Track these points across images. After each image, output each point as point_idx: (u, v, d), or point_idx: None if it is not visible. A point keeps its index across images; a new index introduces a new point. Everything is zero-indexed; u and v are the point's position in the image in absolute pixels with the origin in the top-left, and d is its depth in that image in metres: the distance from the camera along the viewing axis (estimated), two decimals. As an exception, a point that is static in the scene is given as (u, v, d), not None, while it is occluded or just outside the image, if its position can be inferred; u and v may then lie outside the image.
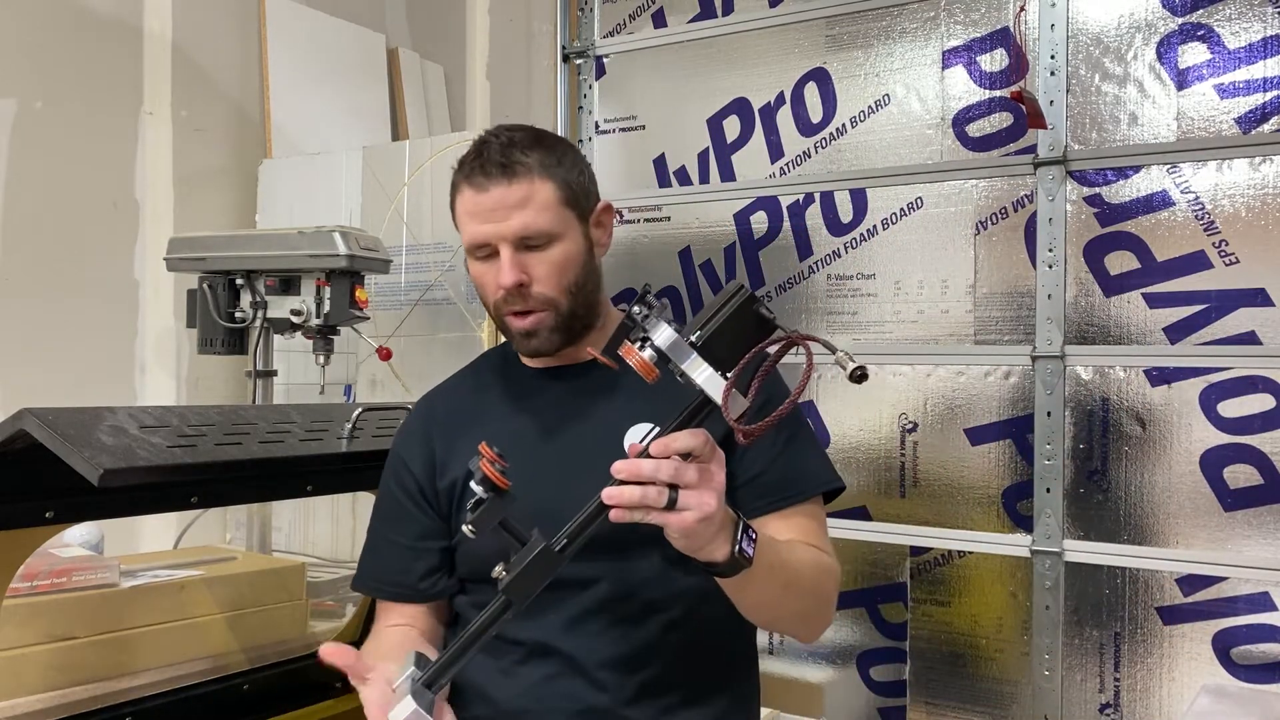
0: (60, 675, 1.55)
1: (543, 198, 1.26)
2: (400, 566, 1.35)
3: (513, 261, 1.26)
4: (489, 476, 1.03)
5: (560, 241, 1.28)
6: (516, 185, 1.25)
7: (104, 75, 2.76)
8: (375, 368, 2.71)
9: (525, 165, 1.26)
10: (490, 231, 1.26)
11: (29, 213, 2.59)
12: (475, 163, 1.27)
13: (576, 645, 1.24)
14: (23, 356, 2.53)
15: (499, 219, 1.25)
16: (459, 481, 1.33)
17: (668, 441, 1.01)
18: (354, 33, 3.43)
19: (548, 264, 1.27)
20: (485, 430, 1.34)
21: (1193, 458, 2.03)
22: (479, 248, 1.28)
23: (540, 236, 1.27)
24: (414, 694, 1.06)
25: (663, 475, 0.99)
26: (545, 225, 1.26)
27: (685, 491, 1.00)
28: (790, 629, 1.40)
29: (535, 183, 1.26)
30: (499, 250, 1.26)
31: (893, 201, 2.36)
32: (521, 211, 1.25)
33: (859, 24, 2.41)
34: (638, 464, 1.00)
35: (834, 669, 2.40)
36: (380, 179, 2.78)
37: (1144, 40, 2.10)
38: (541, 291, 1.27)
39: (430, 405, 1.44)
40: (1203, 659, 2.01)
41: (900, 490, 2.32)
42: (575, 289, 1.30)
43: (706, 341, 1.02)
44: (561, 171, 1.29)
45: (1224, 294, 2.01)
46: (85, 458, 1.15)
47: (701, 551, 1.05)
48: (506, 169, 1.25)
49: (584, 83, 2.80)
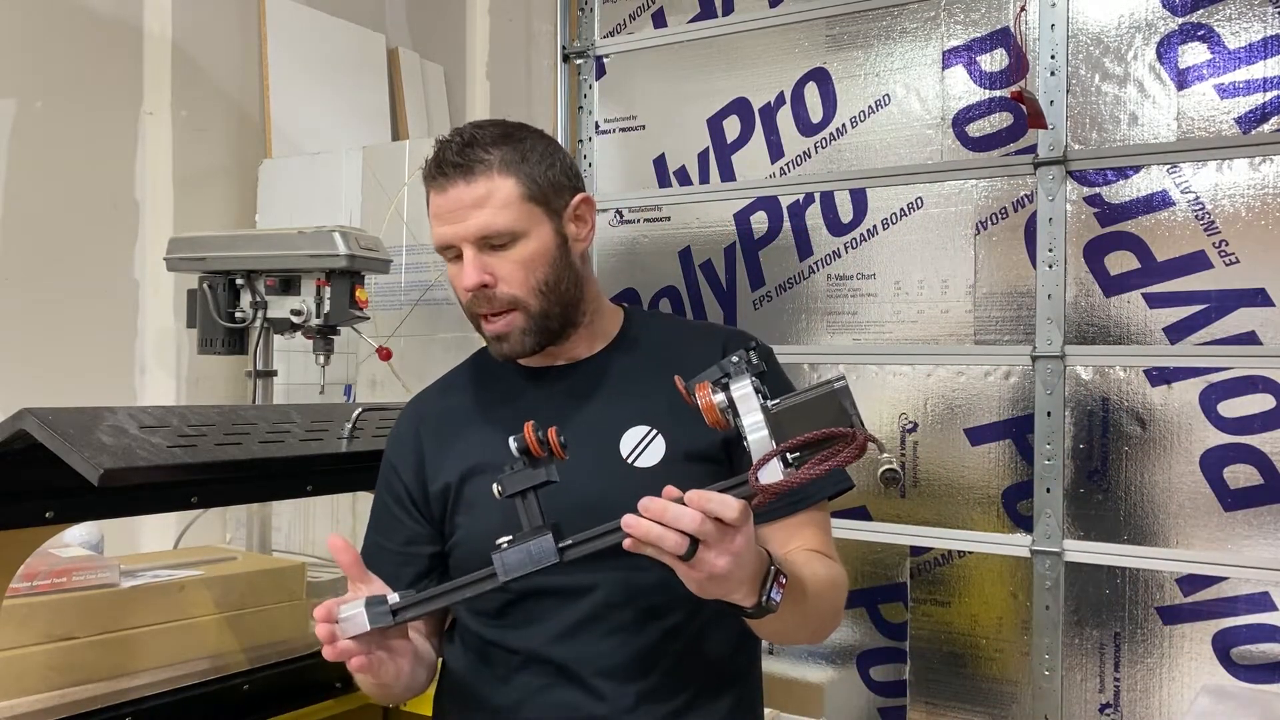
0: (60, 675, 1.55)
1: (503, 195, 1.23)
2: (389, 572, 1.33)
3: (475, 262, 1.23)
4: (527, 441, 1.06)
5: (525, 239, 1.25)
6: (474, 184, 1.23)
7: (104, 75, 2.76)
8: (375, 368, 2.71)
9: (484, 163, 1.23)
10: (451, 233, 1.24)
11: (29, 213, 2.59)
12: (434, 162, 1.25)
13: (575, 653, 1.23)
14: (23, 356, 2.53)
15: (458, 219, 1.23)
16: (452, 485, 1.31)
17: (706, 499, 0.98)
18: (354, 33, 3.43)
19: (512, 263, 1.24)
20: (477, 431, 1.33)
21: (1193, 458, 2.03)
22: (445, 249, 1.26)
23: (502, 235, 1.23)
24: (368, 604, 1.08)
25: (684, 524, 0.97)
26: (505, 224, 1.23)
27: (704, 548, 0.98)
28: (798, 642, 1.39)
29: (494, 180, 1.23)
30: (462, 251, 1.24)
31: (893, 201, 2.36)
32: (479, 211, 1.22)
33: (859, 24, 2.41)
34: (665, 507, 0.98)
35: (834, 669, 2.40)
36: (380, 179, 2.78)
37: (1144, 40, 2.10)
38: (507, 291, 1.25)
39: (419, 408, 1.42)
40: (1203, 659, 2.01)
41: (900, 490, 2.32)
42: (546, 288, 1.26)
43: (780, 415, 1.01)
44: (525, 167, 1.25)
45: (1224, 294, 2.01)
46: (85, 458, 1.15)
47: (727, 596, 1.04)
48: (462, 167, 1.23)
49: (584, 83, 2.80)
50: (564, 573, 1.09)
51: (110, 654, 1.63)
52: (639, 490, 1.02)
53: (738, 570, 1.01)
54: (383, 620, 1.08)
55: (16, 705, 1.49)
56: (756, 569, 1.04)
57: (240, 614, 1.82)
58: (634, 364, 1.34)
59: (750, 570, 1.03)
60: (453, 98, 3.75)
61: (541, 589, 1.23)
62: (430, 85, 3.69)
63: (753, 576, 1.04)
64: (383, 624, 1.08)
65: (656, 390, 1.27)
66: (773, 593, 1.05)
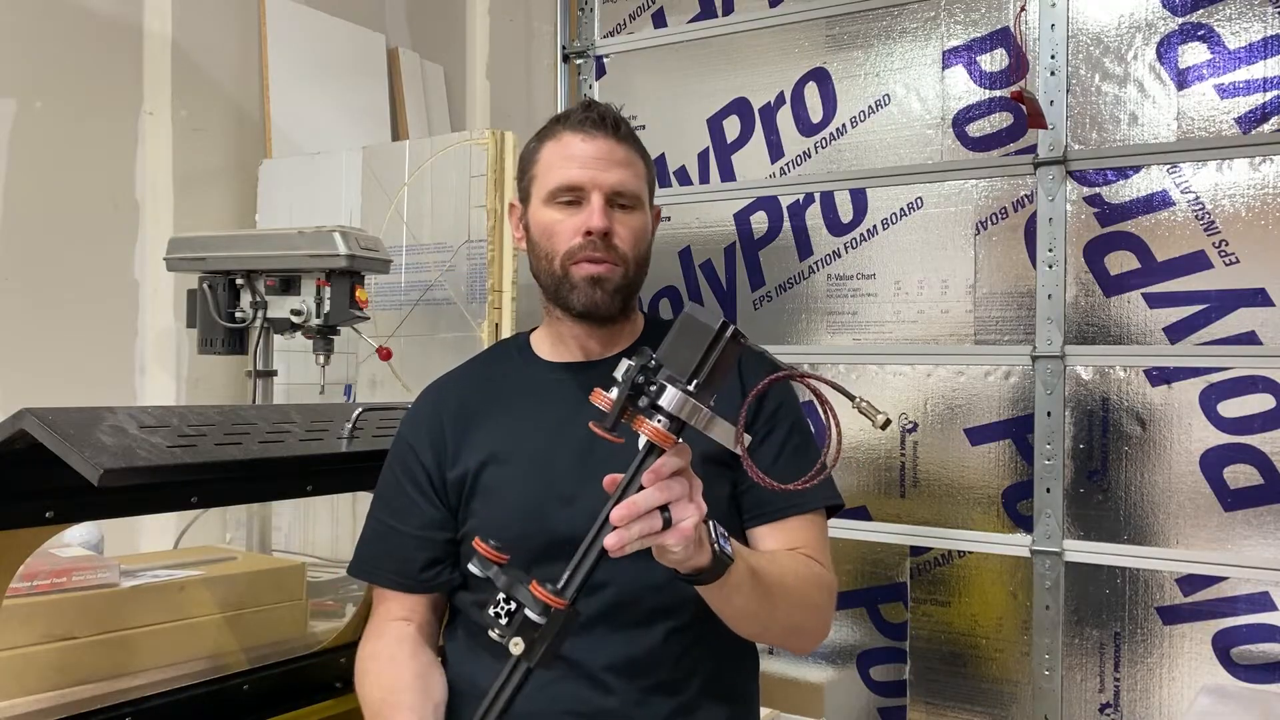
0: (60, 675, 1.55)
1: (639, 167, 1.34)
2: (402, 555, 1.34)
3: (604, 209, 1.29)
4: (544, 602, 1.00)
5: (641, 211, 1.34)
6: (623, 146, 1.32)
7: (104, 75, 2.76)
8: (375, 368, 2.71)
9: (631, 135, 1.34)
10: (587, 178, 1.29)
11: (29, 213, 2.59)
12: (586, 114, 1.32)
13: (584, 649, 1.24)
14: (23, 356, 2.53)
15: (600, 168, 1.29)
16: (470, 472, 1.32)
17: (659, 469, 1.00)
18: (354, 33, 3.43)
19: (629, 226, 1.32)
20: (497, 419, 1.34)
21: (1193, 458, 2.03)
22: (566, 190, 1.30)
23: (631, 199, 1.32)
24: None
25: (656, 501, 0.99)
26: (636, 189, 1.32)
27: (676, 505, 1.00)
28: (780, 640, 1.40)
29: (635, 152, 1.34)
30: (589, 197, 1.29)
31: (893, 201, 2.36)
32: (623, 169, 1.31)
33: (859, 24, 2.41)
34: (633, 503, 0.99)
35: (834, 669, 2.40)
36: (380, 179, 2.78)
37: (1144, 40, 2.10)
38: (621, 246, 1.31)
39: (441, 394, 1.42)
40: (1203, 659, 2.01)
41: (900, 490, 2.32)
42: (641, 260, 1.35)
43: (702, 385, 1.01)
44: (648, 159, 1.37)
45: (1224, 294, 2.01)
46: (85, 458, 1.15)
47: (689, 561, 1.05)
48: (618, 128, 1.32)
49: (584, 83, 2.80)
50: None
51: (110, 654, 1.63)
52: None
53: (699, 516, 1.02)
54: None
55: (16, 705, 1.49)
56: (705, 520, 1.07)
57: (240, 614, 1.82)
58: None
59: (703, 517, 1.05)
60: (453, 98, 3.75)
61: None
62: (430, 85, 3.69)
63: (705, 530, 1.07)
64: None
65: None
66: (720, 543, 1.08)
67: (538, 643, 1.00)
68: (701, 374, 1.01)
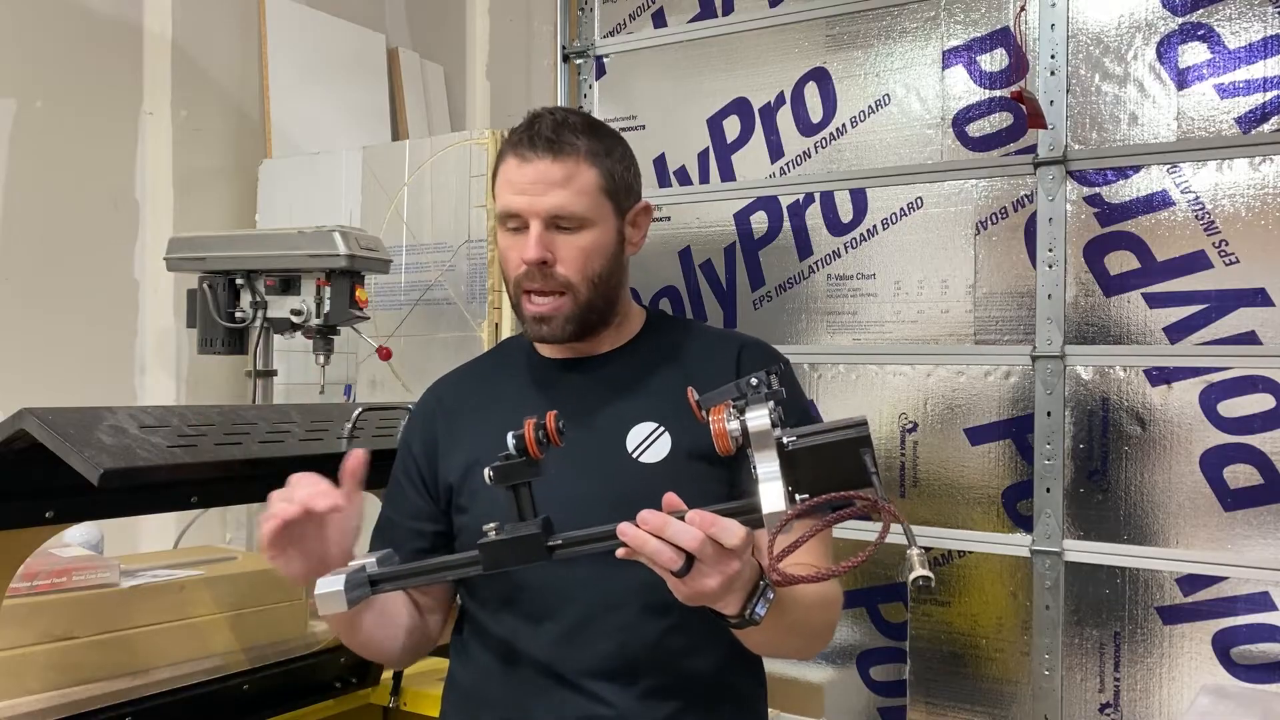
0: (60, 675, 1.55)
1: (583, 182, 1.27)
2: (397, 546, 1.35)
3: (540, 237, 1.26)
4: (524, 438, 1.05)
5: (591, 229, 1.28)
6: (560, 164, 1.26)
7: (104, 75, 2.76)
8: (375, 368, 2.70)
9: (573, 146, 1.27)
10: (523, 204, 1.26)
11: (29, 213, 2.59)
12: (524, 134, 1.28)
13: (577, 653, 1.23)
14: (23, 356, 2.53)
15: (535, 193, 1.26)
16: (460, 471, 1.33)
17: (710, 522, 0.98)
18: (354, 33, 3.43)
19: (574, 248, 1.28)
20: (496, 414, 1.34)
21: (1193, 458, 2.02)
22: (509, 218, 1.28)
23: (572, 219, 1.27)
24: (350, 576, 1.06)
25: (683, 542, 0.97)
26: (579, 209, 1.27)
27: (699, 566, 0.98)
28: (784, 655, 1.40)
29: (579, 166, 1.27)
30: (529, 224, 1.26)
31: (893, 201, 2.36)
32: (559, 190, 1.26)
33: (859, 24, 2.41)
34: (666, 522, 0.98)
35: (834, 669, 2.40)
36: (380, 179, 2.78)
37: (1144, 40, 2.10)
38: (563, 274, 1.27)
39: (439, 392, 1.45)
40: (1203, 659, 2.01)
41: (900, 490, 2.32)
42: (598, 279, 1.30)
43: (795, 453, 0.97)
44: (608, 162, 1.30)
45: (1224, 294, 2.01)
46: (85, 458, 1.15)
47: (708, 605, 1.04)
48: (554, 145, 1.26)
49: (584, 82, 2.79)
50: (566, 568, 1.09)
51: (110, 654, 1.63)
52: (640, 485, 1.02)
53: (727, 591, 1.01)
54: (362, 596, 1.07)
55: (16, 705, 1.49)
56: (748, 582, 1.04)
57: (240, 614, 1.82)
58: (648, 363, 1.36)
59: (740, 587, 1.03)
60: (453, 98, 3.75)
61: (545, 584, 1.24)
62: (430, 85, 3.69)
63: (742, 590, 1.04)
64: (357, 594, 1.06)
65: (667, 389, 1.29)
66: (758, 607, 1.05)
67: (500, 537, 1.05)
68: (804, 438, 0.98)
